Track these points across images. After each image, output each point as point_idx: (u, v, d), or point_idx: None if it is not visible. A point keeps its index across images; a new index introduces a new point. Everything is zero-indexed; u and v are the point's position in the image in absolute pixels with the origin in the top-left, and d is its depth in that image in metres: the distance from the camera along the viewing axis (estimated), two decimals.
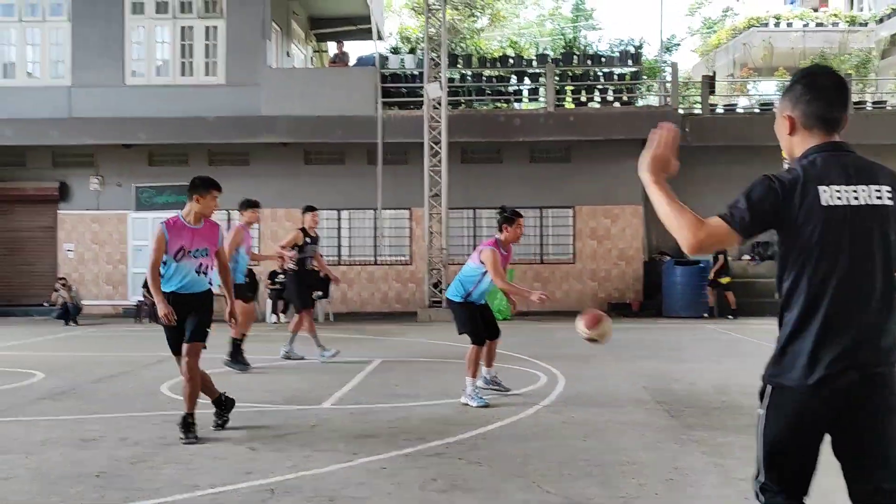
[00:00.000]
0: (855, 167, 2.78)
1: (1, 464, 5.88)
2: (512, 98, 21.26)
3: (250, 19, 19.81)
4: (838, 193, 2.72)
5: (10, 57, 20.56)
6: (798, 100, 2.85)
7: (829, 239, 2.70)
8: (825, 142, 2.82)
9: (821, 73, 2.89)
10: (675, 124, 15.21)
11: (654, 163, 2.84)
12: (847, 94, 2.88)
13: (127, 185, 20.71)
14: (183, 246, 6.79)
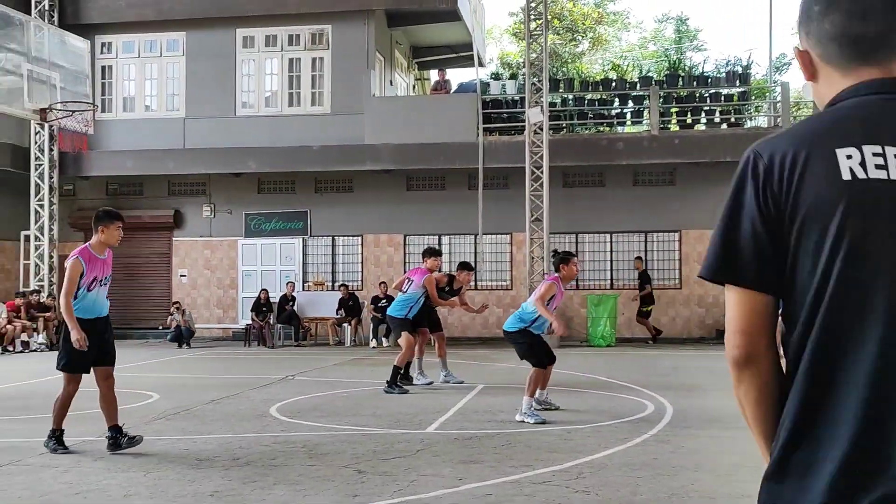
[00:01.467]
0: None
1: (122, 481, 6.11)
2: (615, 121, 21.05)
3: (354, 50, 20.29)
4: (878, 159, 1.50)
5: (130, 91, 21.61)
6: (809, 18, 1.67)
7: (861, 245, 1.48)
8: (868, 80, 1.60)
9: None
10: None
11: None
12: None
13: (237, 213, 21.41)
14: (96, 276, 7.15)
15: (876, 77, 1.59)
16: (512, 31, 34.87)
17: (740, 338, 1.57)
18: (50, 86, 11.80)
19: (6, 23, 11.30)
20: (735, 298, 1.56)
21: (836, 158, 1.50)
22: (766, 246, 1.53)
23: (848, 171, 1.49)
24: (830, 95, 1.65)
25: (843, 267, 1.47)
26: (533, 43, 19.40)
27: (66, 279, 7.16)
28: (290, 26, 20.55)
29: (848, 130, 1.53)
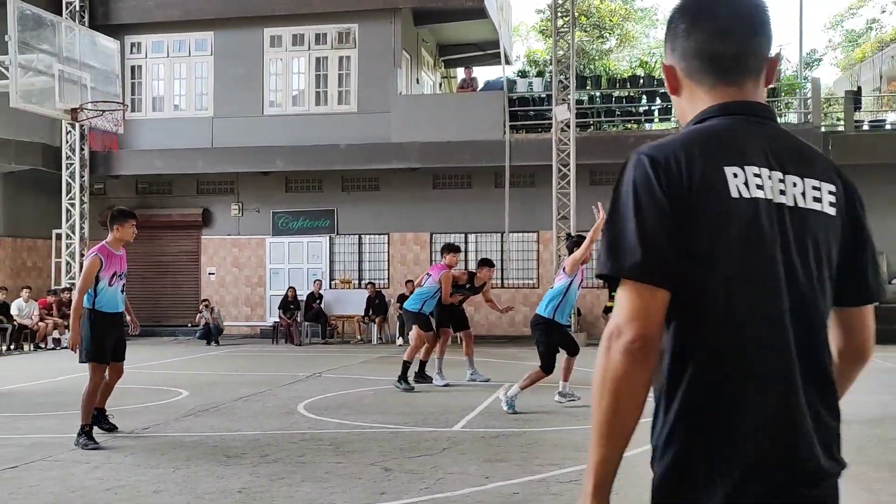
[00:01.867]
0: (784, 145, 1.68)
1: (151, 477, 6.18)
2: (642, 118, 20.92)
3: (381, 48, 20.33)
4: (758, 180, 1.61)
5: (160, 91, 21.81)
6: (675, 34, 1.76)
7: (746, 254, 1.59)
8: (730, 101, 1.70)
9: None
10: (818, 142, 14.51)
11: None
12: (759, 20, 1.72)
13: (265, 211, 21.54)
14: (115, 271, 7.56)
15: (736, 98, 1.70)
16: (539, 28, 34.77)
17: (642, 326, 1.55)
18: (81, 86, 11.93)
19: (38, 24, 11.44)
20: (645, 294, 1.55)
21: (725, 176, 1.59)
22: (676, 247, 1.56)
23: (735, 189, 1.58)
24: (692, 109, 1.75)
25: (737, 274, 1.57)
26: (560, 40, 19.32)
27: (83, 276, 7.50)
28: (317, 25, 20.63)
29: (730, 150, 1.62)
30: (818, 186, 1.66)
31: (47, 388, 11.64)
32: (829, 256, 1.67)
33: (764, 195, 1.60)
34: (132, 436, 7.85)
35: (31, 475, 6.26)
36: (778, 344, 1.59)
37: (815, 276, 1.63)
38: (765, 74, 1.74)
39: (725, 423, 1.58)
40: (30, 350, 17.74)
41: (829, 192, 1.67)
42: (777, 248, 1.59)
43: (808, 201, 1.64)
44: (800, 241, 1.62)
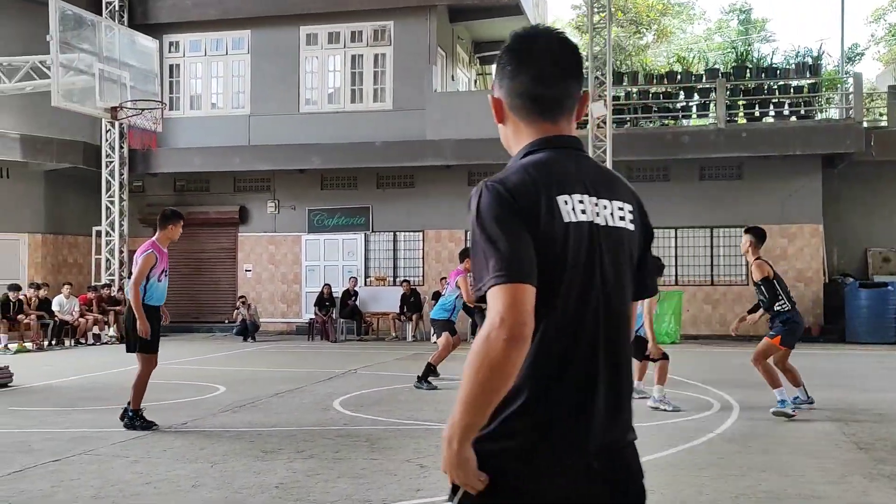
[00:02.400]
0: (595, 173, 2.03)
1: (190, 472, 6.23)
2: (680, 115, 20.71)
3: (416, 46, 20.33)
4: (581, 205, 1.96)
5: (197, 89, 22.03)
6: (503, 73, 2.06)
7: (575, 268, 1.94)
8: (550, 136, 2.02)
9: (531, 35, 2.08)
10: (859, 138, 14.22)
11: None
12: (572, 64, 2.04)
13: (300, 209, 21.66)
14: (164, 268, 8.11)
15: (554, 133, 2.02)
16: (575, 24, 34.57)
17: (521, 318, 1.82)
18: (120, 85, 12.08)
19: (79, 24, 11.60)
20: (519, 294, 1.83)
21: (558, 203, 1.92)
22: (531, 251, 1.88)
23: (566, 215, 1.93)
24: (515, 139, 2.09)
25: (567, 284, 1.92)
26: (596, 36, 19.19)
27: (138, 271, 7.89)
28: (353, 23, 20.69)
29: (559, 180, 1.95)
30: (622, 207, 2.05)
31: (87, 383, 11.81)
32: (630, 263, 2.06)
33: (586, 218, 1.96)
34: (171, 431, 7.93)
35: (72, 468, 6.35)
36: (588, 336, 1.96)
37: (621, 281, 2.02)
38: (577, 111, 2.09)
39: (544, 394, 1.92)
40: (70, 345, 18.03)
41: (629, 211, 2.06)
42: (595, 260, 1.97)
43: (616, 220, 2.02)
44: (610, 253, 1.99)
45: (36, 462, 6.56)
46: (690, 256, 19.98)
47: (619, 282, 2.02)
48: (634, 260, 2.08)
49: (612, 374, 1.99)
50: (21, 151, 19.60)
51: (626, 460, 2.06)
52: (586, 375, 1.95)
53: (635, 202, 2.11)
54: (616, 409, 2.01)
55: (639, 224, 2.09)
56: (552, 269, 1.91)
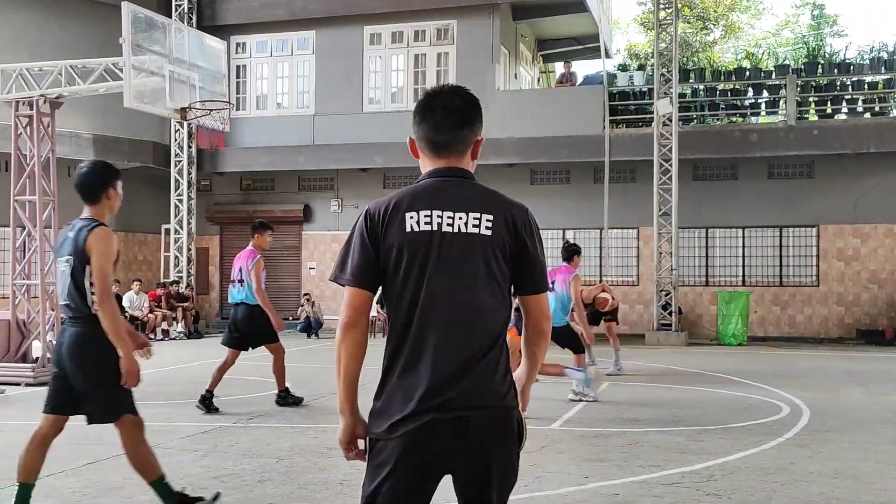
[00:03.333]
0: (464, 194, 2.62)
1: (257, 467, 6.33)
2: (748, 112, 20.28)
3: (479, 44, 20.30)
4: (427, 219, 2.56)
5: (263, 90, 22.36)
6: (414, 122, 2.74)
7: (413, 266, 2.55)
8: (436, 167, 2.69)
9: (434, 93, 2.73)
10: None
11: None
12: (466, 118, 2.69)
13: (363, 207, 21.72)
14: None
15: (442, 166, 2.68)
16: (640, 20, 34.13)
17: (351, 313, 2.61)
18: (189, 86, 12.28)
19: (150, 26, 11.84)
20: (355, 293, 2.61)
21: (405, 218, 2.57)
22: (372, 263, 2.59)
23: (408, 226, 2.56)
24: (421, 168, 2.74)
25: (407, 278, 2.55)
26: (662, 32, 18.92)
27: (257, 276, 9.21)
28: (416, 22, 20.76)
29: (414, 200, 2.60)
30: (478, 217, 2.58)
31: (156, 378, 12.06)
32: (487, 262, 2.56)
33: (430, 228, 2.55)
34: (237, 426, 8.07)
35: None
36: (435, 321, 2.53)
37: (468, 273, 2.54)
38: (471, 151, 2.75)
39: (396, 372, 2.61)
40: None
41: (487, 220, 2.57)
42: (436, 258, 2.54)
43: (470, 228, 2.56)
44: (458, 251, 2.55)
45: (108, 454, 6.72)
46: (759, 257, 19.58)
47: (466, 274, 2.54)
48: (495, 260, 2.56)
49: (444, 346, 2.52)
50: (94, 151, 20.14)
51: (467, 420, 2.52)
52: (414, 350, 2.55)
53: (502, 214, 2.61)
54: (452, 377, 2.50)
55: (500, 231, 2.57)
56: (396, 264, 2.55)
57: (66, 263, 4.63)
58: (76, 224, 4.69)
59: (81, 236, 4.55)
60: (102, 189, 4.74)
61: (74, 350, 4.56)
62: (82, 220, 4.70)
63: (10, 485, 5.75)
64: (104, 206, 4.76)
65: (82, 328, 4.58)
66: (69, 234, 4.69)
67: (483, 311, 2.54)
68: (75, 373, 4.59)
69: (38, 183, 11.62)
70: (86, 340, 4.56)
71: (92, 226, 4.60)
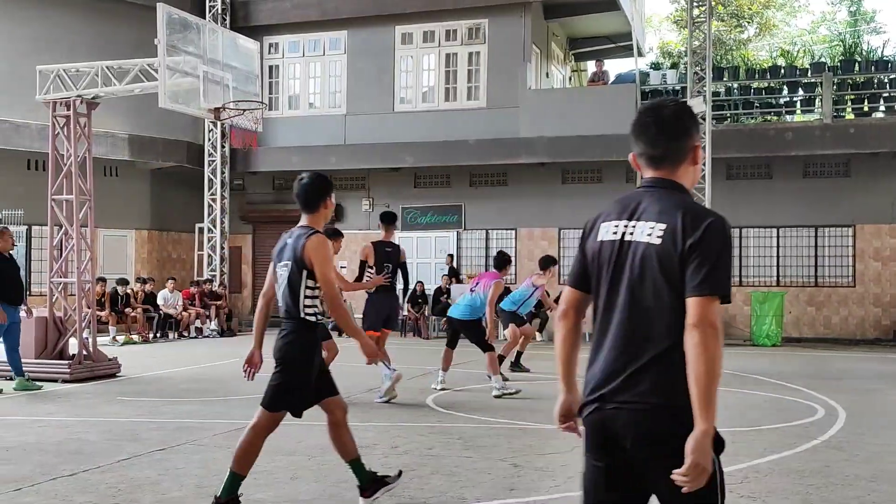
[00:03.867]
0: (649, 203, 2.77)
1: (288, 464, 6.37)
2: (783, 110, 20.05)
3: (511, 43, 20.27)
4: (615, 228, 2.79)
5: (295, 90, 22.49)
6: (631, 139, 2.90)
7: (601, 272, 2.79)
8: (645, 177, 2.88)
9: (646, 110, 2.89)
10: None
11: None
12: (672, 129, 2.82)
13: (394, 206, 21.84)
14: None
15: (653, 176, 2.84)
16: (673, 18, 33.86)
17: (561, 305, 2.92)
18: (223, 86, 12.39)
19: (185, 27, 11.96)
20: (566, 290, 2.93)
21: (599, 228, 2.83)
22: (582, 267, 2.88)
23: (600, 236, 2.81)
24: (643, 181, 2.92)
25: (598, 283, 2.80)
26: (696, 30, 18.76)
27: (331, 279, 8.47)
28: (448, 22, 20.77)
29: (611, 211, 2.84)
30: (653, 226, 2.70)
31: (191, 375, 12.20)
32: (655, 269, 2.66)
33: (615, 237, 2.77)
34: None
35: (177, 457, 6.57)
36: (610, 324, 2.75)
37: (641, 278, 2.68)
38: (690, 158, 2.85)
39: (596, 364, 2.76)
40: (174, 338, 18.67)
41: (659, 229, 2.67)
42: (616, 265, 2.75)
43: (644, 236, 2.70)
44: (633, 259, 2.71)
45: (143, 450, 6.81)
46: (793, 257, 19.35)
47: (641, 278, 2.68)
48: (665, 266, 2.64)
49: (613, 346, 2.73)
50: (129, 151, 20.41)
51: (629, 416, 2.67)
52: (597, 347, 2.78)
53: (675, 223, 2.66)
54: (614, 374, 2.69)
55: (669, 239, 2.65)
56: (593, 270, 2.83)
57: (285, 268, 4.99)
58: (294, 232, 5.05)
59: (300, 243, 4.89)
60: (321, 199, 5.10)
61: (284, 348, 4.96)
62: (301, 227, 5.05)
63: (50, 478, 5.85)
64: (320, 215, 5.11)
65: (292, 328, 4.96)
66: (288, 240, 5.05)
67: (647, 316, 2.67)
68: (283, 367, 4.98)
69: (75, 182, 11.79)
70: (294, 341, 4.93)
71: (309, 233, 4.93)
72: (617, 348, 2.70)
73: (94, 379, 11.27)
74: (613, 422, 2.67)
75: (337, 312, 4.92)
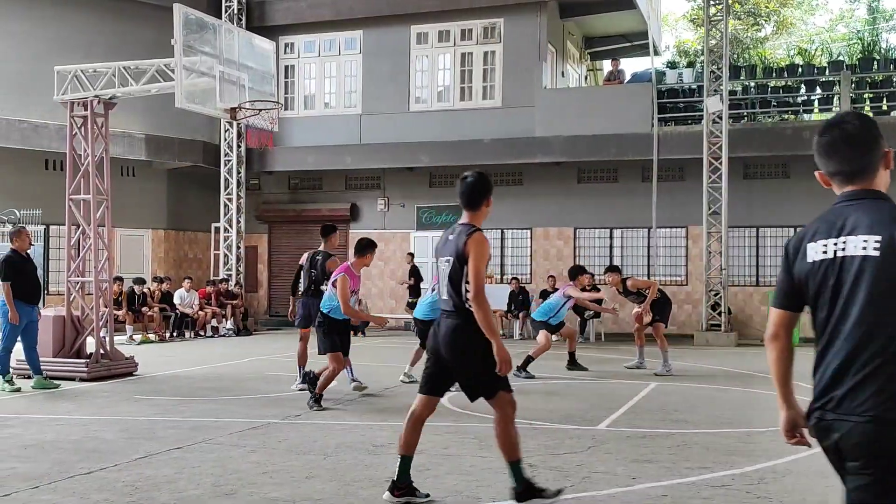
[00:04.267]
0: (858, 216, 2.77)
1: (303, 463, 6.38)
2: (800, 109, 19.91)
3: (526, 42, 20.24)
4: (824, 247, 2.79)
5: (311, 90, 22.55)
6: (819, 160, 2.93)
7: (819, 292, 2.80)
8: (843, 192, 2.88)
9: (830, 128, 2.91)
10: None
11: None
12: (867, 145, 2.86)
13: (409, 206, 21.89)
14: (355, 288, 9.26)
15: (850, 189, 2.86)
16: (689, 17, 33.71)
17: (770, 327, 3.02)
18: (239, 86, 12.42)
19: (201, 27, 12.00)
20: (773, 312, 3.01)
21: (807, 250, 2.84)
22: (788, 289, 2.94)
23: (809, 257, 2.83)
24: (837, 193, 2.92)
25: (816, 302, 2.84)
26: (713, 29, 18.67)
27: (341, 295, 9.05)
28: (463, 21, 20.76)
29: (817, 231, 2.84)
30: (866, 240, 2.70)
31: (206, 374, 12.25)
32: (880, 278, 2.65)
33: (826, 256, 2.77)
34: (285, 422, 8.15)
35: (193, 456, 6.60)
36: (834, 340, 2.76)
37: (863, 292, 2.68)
38: (882, 166, 2.88)
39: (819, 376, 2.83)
40: (190, 337, 18.75)
41: (875, 241, 2.68)
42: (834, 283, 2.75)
43: (859, 250, 2.70)
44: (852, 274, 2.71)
45: (160, 449, 6.84)
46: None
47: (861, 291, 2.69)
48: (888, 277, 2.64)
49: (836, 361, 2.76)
50: (146, 151, 20.51)
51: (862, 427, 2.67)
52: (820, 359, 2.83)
53: (888, 234, 2.67)
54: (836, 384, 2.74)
55: (888, 250, 2.65)
56: (808, 291, 2.84)
57: (446, 263, 5.21)
58: (456, 228, 5.26)
59: (461, 240, 5.11)
60: (483, 197, 5.31)
61: (451, 339, 5.17)
62: (462, 225, 5.25)
63: (67, 476, 5.89)
64: (481, 213, 5.32)
65: (457, 320, 5.16)
66: (450, 237, 5.28)
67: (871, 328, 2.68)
68: (453, 358, 5.22)
69: (93, 182, 11.86)
70: (461, 330, 5.15)
71: (471, 231, 5.14)
72: (844, 359, 2.72)
73: (111, 378, 11.34)
74: (839, 431, 2.70)
75: (479, 306, 5.04)
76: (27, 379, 10.58)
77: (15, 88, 18.45)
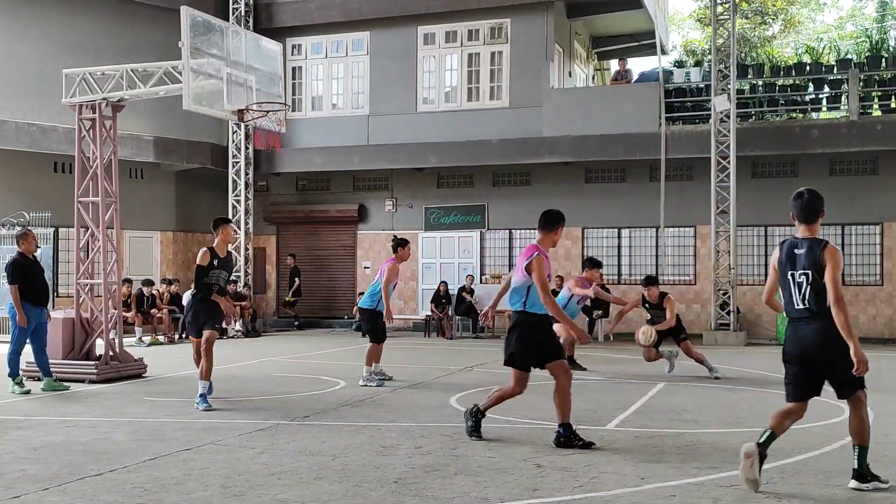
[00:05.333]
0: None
1: (312, 464, 6.39)
2: (808, 107, 19.84)
3: (534, 42, 20.23)
4: None
5: (318, 91, 22.58)
6: None
7: None
8: None
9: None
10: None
11: None
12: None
13: (417, 206, 21.90)
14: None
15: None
16: (697, 16, 33.64)
17: None
18: (247, 88, 12.44)
19: (208, 29, 12.03)
20: None
21: None
22: None
23: None
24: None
25: None
26: (720, 28, 18.63)
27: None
28: (470, 21, 20.76)
29: None
30: None
31: (215, 375, 12.19)
32: None
33: None
34: (294, 423, 8.16)
35: (201, 458, 6.61)
36: None
37: None
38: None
39: None
40: None
41: None
42: None
43: None
44: None
45: (168, 450, 6.86)
46: None
47: None
48: None
49: None
50: (154, 153, 20.58)
51: None
52: None
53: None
54: None
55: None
56: None
57: (804, 276, 5.71)
58: (801, 243, 5.79)
59: (817, 253, 5.66)
60: (819, 212, 5.90)
61: (822, 341, 5.64)
62: (808, 239, 5.78)
63: (77, 478, 5.91)
64: (817, 226, 5.86)
65: (824, 323, 5.61)
66: (797, 251, 5.78)
67: None
68: (828, 359, 5.67)
69: (101, 184, 11.91)
70: (830, 331, 5.58)
71: (823, 244, 5.70)
72: None
73: (120, 379, 11.37)
74: None
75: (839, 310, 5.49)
76: (37, 381, 10.63)
77: (24, 92, 18.53)
